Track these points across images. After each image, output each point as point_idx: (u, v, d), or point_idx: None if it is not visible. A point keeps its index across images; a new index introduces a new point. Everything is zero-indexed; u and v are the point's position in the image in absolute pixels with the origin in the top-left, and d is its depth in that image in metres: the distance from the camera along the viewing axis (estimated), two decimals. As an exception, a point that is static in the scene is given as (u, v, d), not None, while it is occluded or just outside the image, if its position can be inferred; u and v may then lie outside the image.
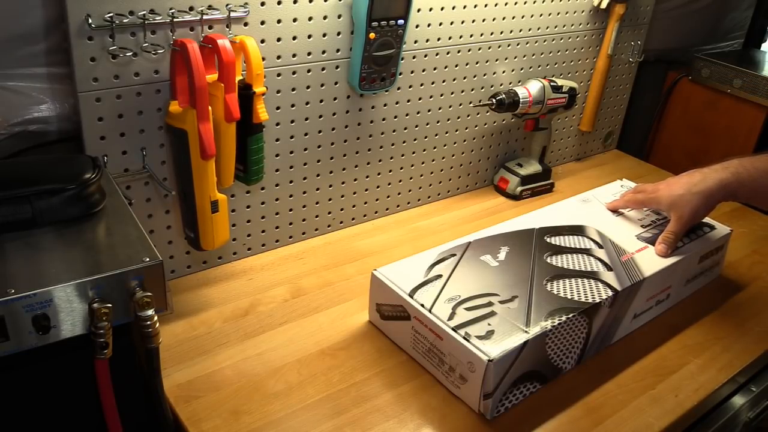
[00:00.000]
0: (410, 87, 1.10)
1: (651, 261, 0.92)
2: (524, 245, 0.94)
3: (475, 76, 1.19)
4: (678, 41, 1.59)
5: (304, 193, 1.06)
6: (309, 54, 0.96)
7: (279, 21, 0.90)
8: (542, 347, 0.79)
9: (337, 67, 0.99)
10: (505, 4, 1.16)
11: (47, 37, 0.77)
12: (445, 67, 1.14)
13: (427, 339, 0.80)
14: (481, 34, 1.15)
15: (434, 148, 1.20)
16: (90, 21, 0.75)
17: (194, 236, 0.87)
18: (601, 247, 0.95)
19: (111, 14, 0.76)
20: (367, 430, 0.74)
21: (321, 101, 1.00)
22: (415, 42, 1.07)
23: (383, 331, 0.89)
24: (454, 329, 0.77)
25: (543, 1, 1.21)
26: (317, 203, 1.08)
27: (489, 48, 1.18)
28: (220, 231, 0.88)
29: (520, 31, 1.21)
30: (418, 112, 1.14)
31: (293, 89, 0.96)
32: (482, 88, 1.21)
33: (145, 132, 0.85)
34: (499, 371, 0.74)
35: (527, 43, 1.24)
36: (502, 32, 1.18)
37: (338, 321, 0.91)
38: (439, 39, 1.10)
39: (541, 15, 1.22)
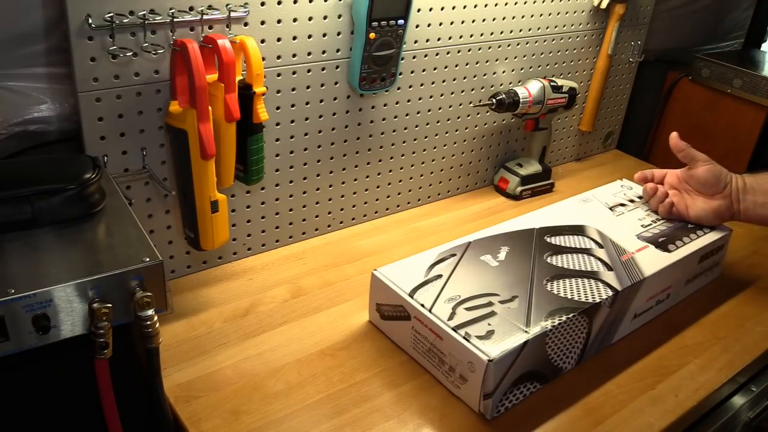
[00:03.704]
0: (410, 87, 1.10)
1: (651, 261, 0.92)
2: (524, 245, 0.94)
3: (475, 76, 1.19)
4: (678, 41, 1.59)
5: (304, 193, 1.06)
6: (309, 54, 0.96)
7: (279, 21, 0.90)
8: (542, 347, 0.79)
9: (337, 67, 0.99)
10: (505, 4, 1.16)
11: (47, 37, 0.77)
12: (445, 67, 1.14)
13: (427, 339, 0.80)
14: (481, 34, 1.15)
15: (434, 148, 1.20)
16: (90, 21, 0.75)
17: (194, 236, 0.87)
18: (601, 246, 0.95)
19: (111, 14, 0.76)
20: (367, 430, 0.74)
21: (321, 101, 1.00)
22: (415, 42, 1.07)
23: (383, 331, 0.89)
24: (454, 329, 0.77)
25: (543, 1, 1.21)
26: (317, 203, 1.08)
27: (489, 48, 1.18)
28: (220, 231, 0.88)
29: (520, 31, 1.21)
30: (418, 112, 1.14)
31: (293, 89, 0.96)
32: (482, 88, 1.21)
33: (145, 132, 0.85)
34: (499, 371, 0.74)
35: (527, 43, 1.24)
36: (502, 32, 1.18)
37: (338, 321, 0.91)
38: (439, 39, 1.10)
39: (541, 15, 1.22)
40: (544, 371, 0.81)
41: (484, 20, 1.14)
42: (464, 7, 1.10)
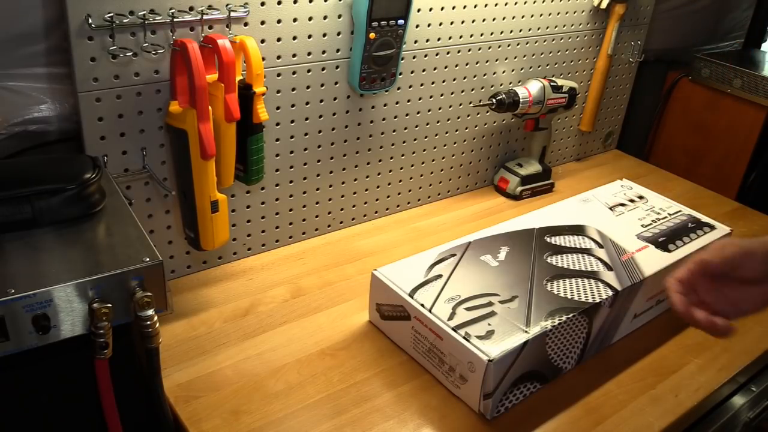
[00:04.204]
0: (410, 87, 1.10)
1: (651, 261, 0.92)
2: (524, 245, 0.94)
3: (475, 76, 1.19)
4: (678, 41, 1.59)
5: (304, 193, 1.06)
6: (309, 54, 0.96)
7: (279, 21, 0.90)
8: (542, 347, 0.79)
9: (337, 67, 0.99)
10: (505, 4, 1.16)
11: (47, 37, 0.77)
12: (445, 67, 1.14)
13: (427, 339, 0.80)
14: (481, 34, 1.15)
15: (434, 148, 1.20)
16: (90, 21, 0.75)
17: (194, 236, 0.87)
18: (601, 246, 0.95)
19: (111, 14, 0.76)
20: (367, 430, 0.74)
21: (321, 101, 1.00)
22: (415, 42, 1.07)
23: (383, 331, 0.89)
24: (454, 329, 0.77)
25: (543, 1, 1.21)
26: (317, 203, 1.08)
27: (489, 48, 1.18)
28: (220, 231, 0.88)
29: (520, 31, 1.21)
30: (418, 112, 1.14)
31: (293, 89, 0.96)
32: (482, 88, 1.21)
33: (145, 132, 0.85)
34: (499, 371, 0.74)
35: (527, 43, 1.24)
36: (502, 32, 1.18)
37: (338, 321, 0.91)
38: (439, 39, 1.10)
39: (541, 15, 1.22)
40: (544, 371, 0.81)
41: (484, 20, 1.14)
42: (464, 7, 1.10)
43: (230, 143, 0.85)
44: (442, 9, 1.07)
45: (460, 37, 1.13)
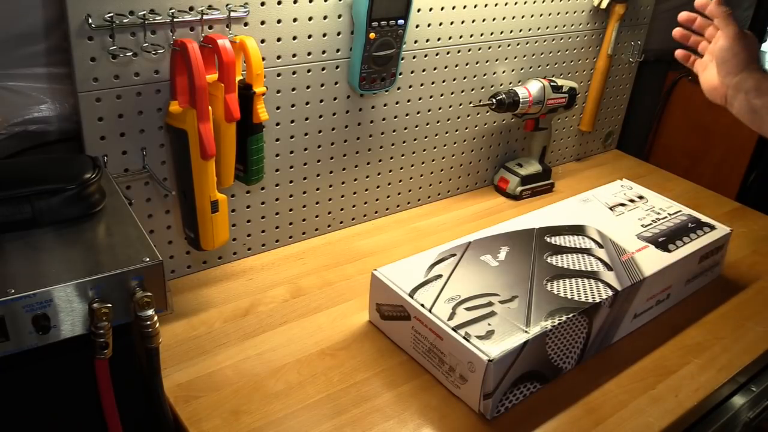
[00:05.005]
0: (410, 87, 1.10)
1: (651, 261, 0.92)
2: (524, 245, 0.94)
3: (475, 76, 1.19)
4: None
5: (304, 193, 1.06)
6: (309, 54, 0.96)
7: (279, 21, 0.90)
8: (542, 347, 0.79)
9: (337, 67, 0.99)
10: (505, 4, 1.16)
11: (47, 37, 0.77)
12: (445, 67, 1.14)
13: (427, 339, 0.80)
14: (481, 34, 1.15)
15: (434, 148, 1.20)
16: (90, 21, 0.75)
17: (194, 236, 0.87)
18: (601, 246, 0.95)
19: (111, 14, 0.76)
20: (367, 430, 0.74)
21: (321, 101, 1.00)
22: (415, 42, 1.07)
23: (383, 331, 0.89)
24: (454, 329, 0.77)
25: (543, 1, 1.21)
26: (317, 203, 1.08)
27: (489, 48, 1.18)
28: (220, 231, 0.88)
29: (520, 31, 1.21)
30: (418, 112, 1.14)
31: (293, 89, 0.96)
32: (482, 88, 1.21)
33: (145, 132, 0.85)
34: (499, 371, 0.74)
35: (527, 43, 1.24)
36: (502, 32, 1.18)
37: (338, 321, 0.91)
38: (439, 39, 1.10)
39: (541, 15, 1.22)
40: (544, 371, 0.81)
41: (484, 20, 1.14)
42: (464, 7, 1.10)
43: (230, 143, 0.85)
44: (442, 9, 1.07)
45: (460, 37, 1.13)
